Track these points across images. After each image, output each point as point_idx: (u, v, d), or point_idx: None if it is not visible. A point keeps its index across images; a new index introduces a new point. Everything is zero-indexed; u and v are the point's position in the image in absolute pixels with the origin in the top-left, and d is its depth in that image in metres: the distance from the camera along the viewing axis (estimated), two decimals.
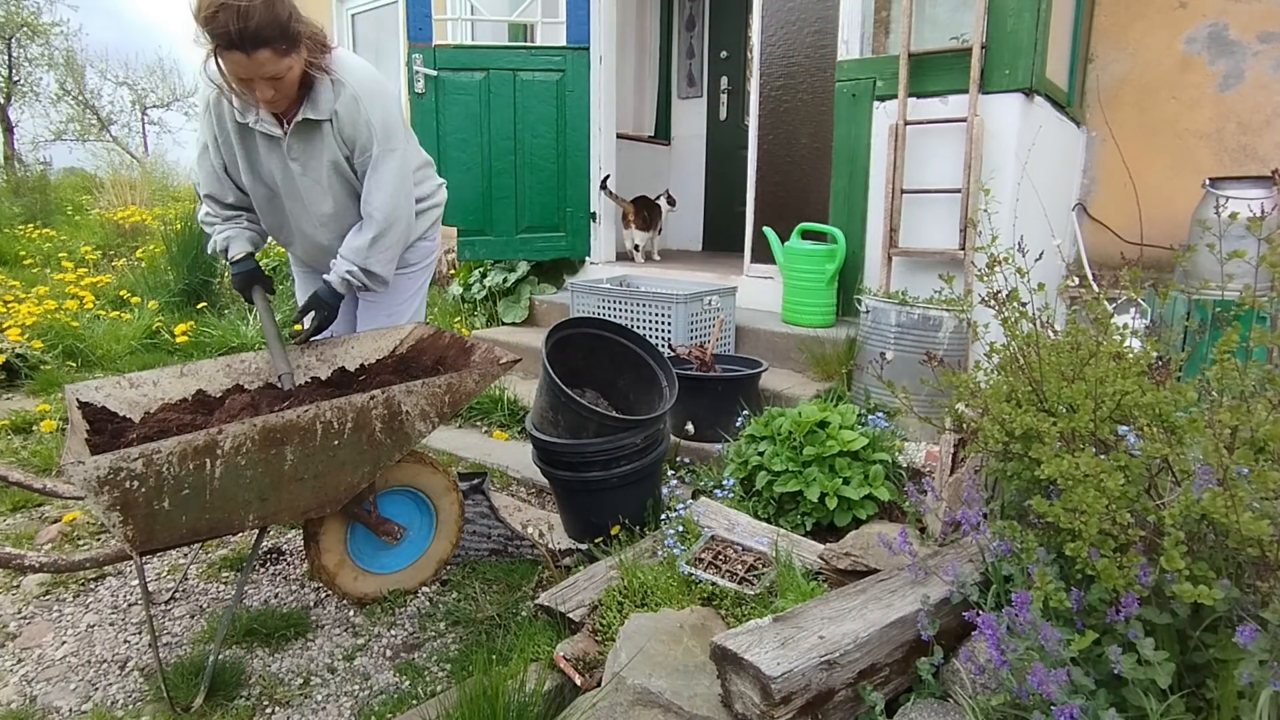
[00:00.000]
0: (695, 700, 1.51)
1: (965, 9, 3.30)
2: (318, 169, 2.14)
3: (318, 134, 2.10)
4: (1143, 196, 3.87)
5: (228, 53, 1.86)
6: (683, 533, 2.15)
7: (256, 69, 1.88)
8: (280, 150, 2.13)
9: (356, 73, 2.10)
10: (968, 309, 3.02)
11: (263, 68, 1.88)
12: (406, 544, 2.23)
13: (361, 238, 2.18)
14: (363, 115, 2.09)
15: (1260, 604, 1.19)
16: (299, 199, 2.21)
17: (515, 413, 3.58)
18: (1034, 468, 1.39)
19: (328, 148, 2.11)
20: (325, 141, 2.10)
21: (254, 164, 2.18)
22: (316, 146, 2.11)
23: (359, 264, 2.18)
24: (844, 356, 3.32)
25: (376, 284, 2.26)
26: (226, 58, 1.87)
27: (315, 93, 2.05)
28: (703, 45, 6.28)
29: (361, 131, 2.10)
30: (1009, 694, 1.25)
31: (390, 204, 2.17)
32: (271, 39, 1.85)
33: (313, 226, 2.26)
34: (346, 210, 2.23)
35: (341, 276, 2.19)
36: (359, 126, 2.09)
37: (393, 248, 2.23)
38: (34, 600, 2.23)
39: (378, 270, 2.21)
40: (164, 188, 11.17)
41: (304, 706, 1.81)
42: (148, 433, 1.90)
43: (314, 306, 2.25)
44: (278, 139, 2.11)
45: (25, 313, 4.66)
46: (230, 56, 1.86)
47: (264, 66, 1.88)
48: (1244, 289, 1.40)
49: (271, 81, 1.93)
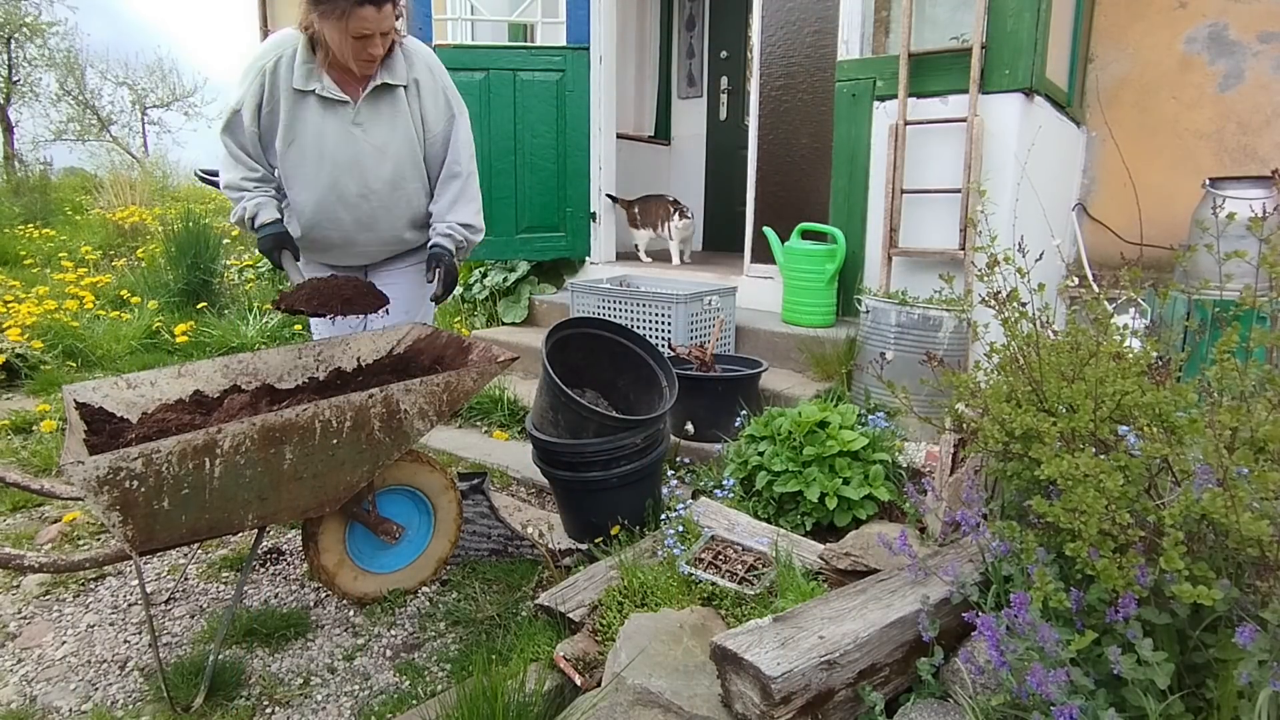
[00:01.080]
0: (695, 700, 1.51)
1: (965, 9, 3.30)
2: (385, 134, 2.26)
3: (391, 100, 2.24)
4: (1143, 196, 3.87)
5: (359, 8, 2.00)
6: (683, 533, 2.15)
7: (382, 22, 2.05)
8: (342, 116, 2.22)
9: (420, 46, 2.32)
10: (968, 309, 3.02)
11: (385, 21, 2.06)
12: (405, 543, 2.23)
13: (448, 195, 2.35)
14: (439, 82, 2.31)
15: (1260, 604, 1.19)
16: (354, 166, 2.25)
17: (515, 413, 3.58)
18: (1034, 468, 1.39)
19: (401, 113, 2.26)
20: (399, 107, 2.25)
21: (300, 132, 2.22)
22: (388, 113, 2.25)
23: (456, 220, 2.34)
24: (844, 356, 3.32)
25: (475, 235, 2.39)
26: (355, 14, 2.01)
27: (390, 62, 2.22)
28: (703, 45, 6.28)
29: (440, 98, 2.31)
30: (1009, 694, 1.25)
31: (471, 159, 2.38)
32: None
33: (360, 195, 2.29)
34: (401, 178, 2.32)
35: (444, 234, 2.33)
36: (438, 93, 2.30)
37: (477, 199, 2.41)
38: (34, 600, 2.23)
39: (473, 221, 2.38)
40: (164, 188, 11.18)
41: (304, 706, 1.81)
42: (146, 433, 1.90)
43: (436, 263, 2.31)
44: (345, 103, 2.21)
45: (25, 313, 4.66)
46: (360, 12, 2.01)
47: (386, 20, 2.06)
48: (1244, 289, 1.40)
49: (384, 38, 2.10)
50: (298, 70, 2.17)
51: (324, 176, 2.25)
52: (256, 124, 2.22)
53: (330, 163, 2.24)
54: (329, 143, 2.23)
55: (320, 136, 2.22)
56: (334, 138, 2.23)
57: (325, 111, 2.21)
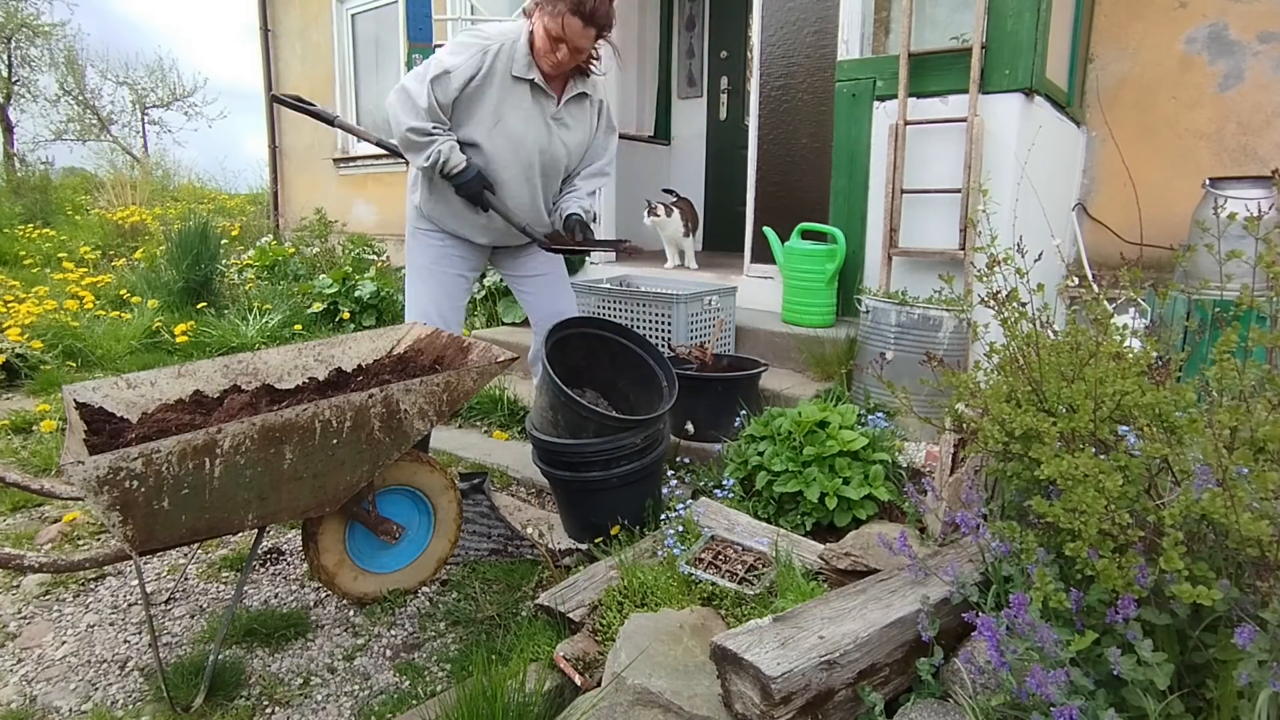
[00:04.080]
0: (695, 700, 1.51)
1: (965, 9, 3.30)
2: (575, 134, 2.59)
3: (581, 108, 2.59)
4: (1142, 196, 3.87)
5: (572, 17, 2.29)
6: (683, 533, 2.15)
7: (580, 39, 2.34)
8: (545, 108, 2.49)
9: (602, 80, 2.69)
10: (967, 309, 3.02)
11: (582, 40, 2.34)
12: (405, 543, 2.23)
13: (589, 185, 2.70)
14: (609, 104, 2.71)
15: (1260, 604, 1.19)
16: (544, 151, 2.52)
17: (515, 413, 3.58)
18: (1034, 468, 1.39)
19: (586, 123, 2.62)
20: (586, 115, 2.61)
21: (511, 113, 2.44)
22: (580, 117, 2.59)
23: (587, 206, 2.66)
24: (844, 356, 3.32)
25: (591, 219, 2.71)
26: (568, 21, 2.30)
27: (590, 79, 2.58)
28: (703, 45, 6.28)
29: (610, 117, 2.72)
30: (1009, 694, 1.25)
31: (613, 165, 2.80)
32: (604, 26, 2.36)
33: (539, 175, 2.56)
34: (559, 171, 2.63)
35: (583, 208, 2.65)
36: (608, 113, 2.71)
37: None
38: (34, 600, 2.23)
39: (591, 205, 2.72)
40: (164, 188, 11.18)
41: (304, 706, 1.81)
42: (146, 433, 1.90)
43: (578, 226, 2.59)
44: (550, 98, 2.49)
45: (25, 313, 4.66)
46: (571, 22, 2.30)
47: (584, 40, 2.35)
48: (1243, 289, 1.39)
49: (575, 53, 2.38)
50: (519, 59, 2.40)
51: (522, 155, 2.49)
52: (460, 91, 2.39)
53: (530, 146, 2.49)
54: (533, 129, 2.48)
55: (526, 122, 2.46)
56: (537, 126, 2.48)
57: (534, 100, 2.46)
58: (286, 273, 6.52)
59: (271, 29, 8.37)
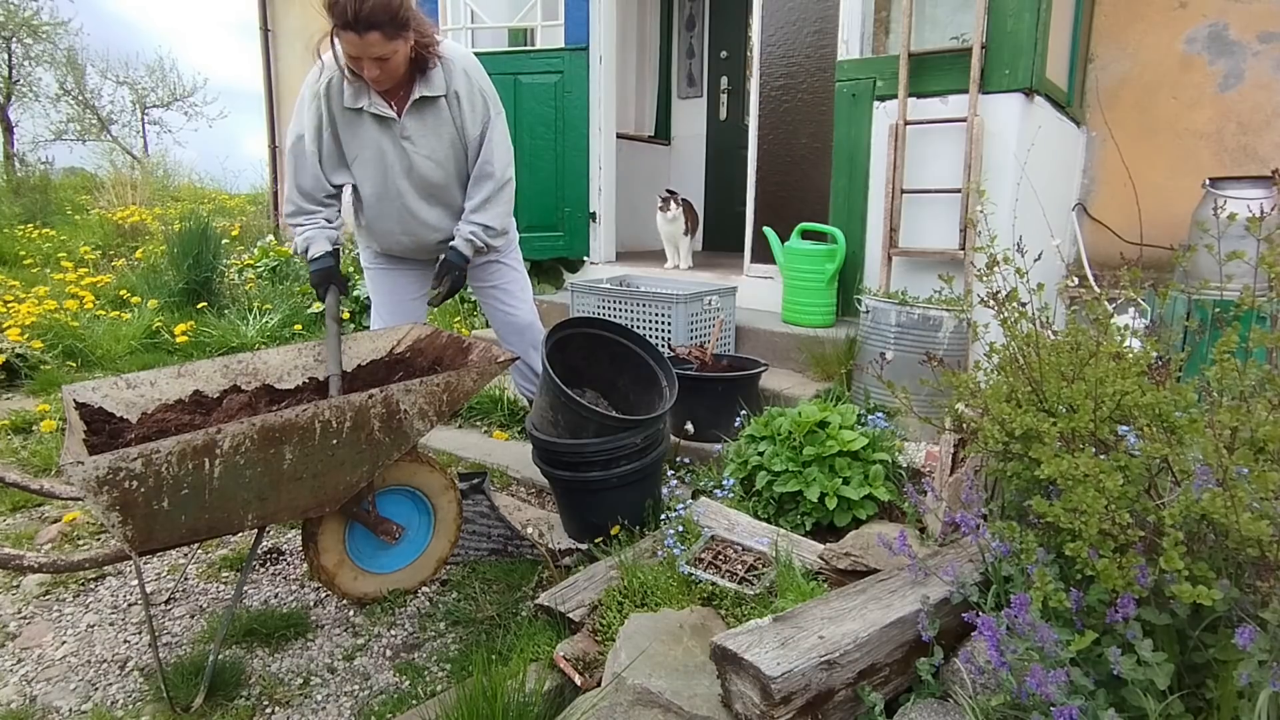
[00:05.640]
0: (695, 700, 1.51)
1: (965, 9, 3.30)
2: (432, 143, 2.36)
3: (434, 110, 2.34)
4: (1142, 196, 3.87)
5: (343, 32, 2.08)
6: (683, 533, 2.15)
7: (366, 49, 2.10)
8: (392, 130, 2.32)
9: (458, 51, 2.39)
10: (967, 309, 3.02)
11: (371, 48, 2.10)
12: (405, 543, 2.23)
13: (479, 196, 2.43)
14: (476, 85, 2.37)
15: (1260, 604, 1.19)
16: (409, 175, 2.38)
17: (515, 413, 3.58)
18: (1034, 468, 1.39)
19: (444, 122, 2.35)
20: (442, 116, 2.34)
21: (362, 147, 2.34)
22: (432, 122, 2.34)
23: (480, 222, 2.43)
24: (844, 356, 3.32)
25: (496, 238, 2.48)
26: (341, 36, 2.10)
27: (429, 74, 2.29)
28: (703, 45, 6.28)
29: (478, 100, 2.38)
30: (1009, 694, 1.25)
31: (505, 159, 2.46)
32: (381, 23, 2.07)
33: (419, 200, 2.42)
34: (453, 180, 2.45)
35: (466, 239, 2.43)
36: (475, 96, 2.37)
37: (508, 201, 2.50)
38: (34, 600, 2.23)
39: (495, 224, 2.46)
40: (164, 188, 11.18)
41: (304, 706, 1.81)
42: (146, 433, 1.90)
43: (446, 271, 2.43)
44: (390, 120, 2.30)
45: (25, 313, 4.66)
46: (344, 36, 2.09)
47: (372, 47, 2.10)
48: (1243, 289, 1.39)
49: (378, 62, 2.14)
50: (346, 90, 2.27)
51: (390, 187, 2.39)
52: (318, 145, 2.34)
53: (392, 173, 2.37)
54: (388, 157, 2.36)
55: (377, 152, 2.35)
56: (391, 152, 2.35)
57: (378, 127, 2.32)
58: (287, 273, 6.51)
59: (271, 29, 8.36)
